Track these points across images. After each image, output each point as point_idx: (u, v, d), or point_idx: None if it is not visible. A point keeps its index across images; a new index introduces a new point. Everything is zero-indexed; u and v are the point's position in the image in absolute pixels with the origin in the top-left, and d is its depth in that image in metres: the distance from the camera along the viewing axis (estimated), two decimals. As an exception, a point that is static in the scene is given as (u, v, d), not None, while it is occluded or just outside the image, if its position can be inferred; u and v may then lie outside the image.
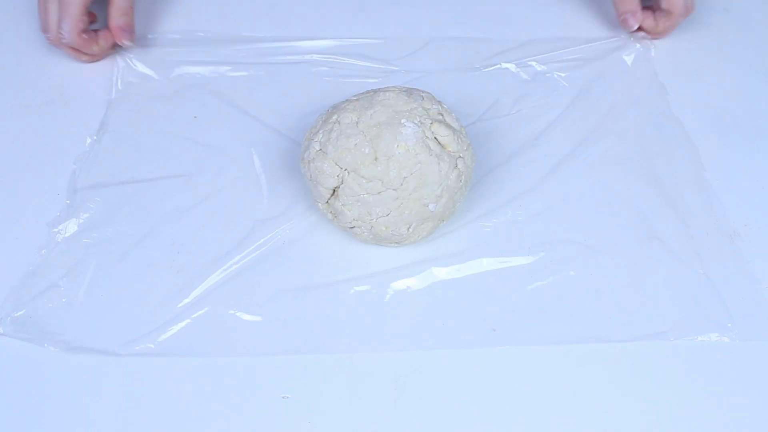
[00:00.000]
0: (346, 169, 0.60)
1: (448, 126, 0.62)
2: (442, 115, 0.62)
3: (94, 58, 0.77)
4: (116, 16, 0.75)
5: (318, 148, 0.61)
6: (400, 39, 0.80)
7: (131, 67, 0.76)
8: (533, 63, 0.78)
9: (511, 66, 0.78)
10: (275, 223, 0.65)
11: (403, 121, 0.60)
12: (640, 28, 0.79)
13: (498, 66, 0.78)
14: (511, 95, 0.76)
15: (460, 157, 0.62)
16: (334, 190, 0.61)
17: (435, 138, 0.61)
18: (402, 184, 0.60)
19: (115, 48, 0.77)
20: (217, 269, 0.63)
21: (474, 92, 0.75)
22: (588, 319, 0.60)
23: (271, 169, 0.68)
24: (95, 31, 0.76)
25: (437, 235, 0.65)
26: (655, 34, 0.80)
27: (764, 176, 0.69)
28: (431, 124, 0.61)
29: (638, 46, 0.80)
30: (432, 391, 0.58)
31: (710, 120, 0.72)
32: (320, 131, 0.62)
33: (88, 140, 0.70)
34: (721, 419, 0.57)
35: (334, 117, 0.62)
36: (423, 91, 0.64)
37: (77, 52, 0.76)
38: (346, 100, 0.64)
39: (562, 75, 0.77)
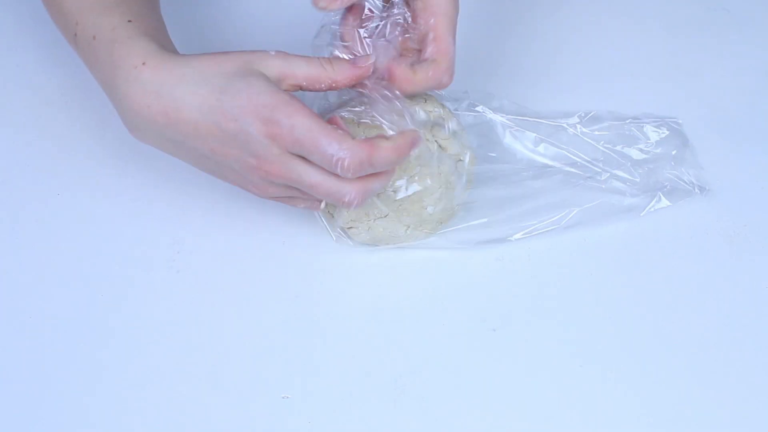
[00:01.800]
0: (345, 171, 0.60)
1: (449, 128, 0.61)
2: (443, 117, 0.62)
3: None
4: None
5: (317, 149, 0.61)
6: None
7: None
8: None
9: None
10: (274, 224, 0.65)
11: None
12: (391, 78, 0.57)
13: None
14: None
15: (460, 159, 0.61)
16: (332, 191, 0.61)
17: (435, 140, 0.61)
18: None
19: None
20: (216, 269, 0.63)
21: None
22: (588, 318, 0.61)
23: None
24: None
25: (437, 236, 0.65)
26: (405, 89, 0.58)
27: (764, 176, 0.69)
28: (432, 126, 0.61)
29: None
30: (432, 391, 0.58)
31: (710, 120, 0.72)
32: (320, 132, 0.62)
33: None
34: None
35: (334, 118, 0.62)
36: (426, 93, 0.64)
37: None
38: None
39: None
